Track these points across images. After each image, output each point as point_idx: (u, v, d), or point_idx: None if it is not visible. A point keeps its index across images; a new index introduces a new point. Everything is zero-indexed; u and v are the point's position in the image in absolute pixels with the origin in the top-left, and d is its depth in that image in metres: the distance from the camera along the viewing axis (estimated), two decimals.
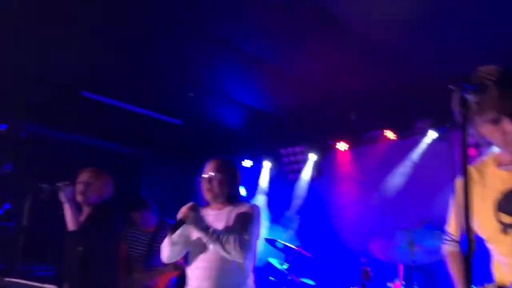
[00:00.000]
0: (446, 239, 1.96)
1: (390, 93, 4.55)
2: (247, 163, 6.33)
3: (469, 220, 1.29)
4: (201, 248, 2.53)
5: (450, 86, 1.39)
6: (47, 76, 4.16)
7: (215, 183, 2.61)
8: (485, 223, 1.72)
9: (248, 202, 2.73)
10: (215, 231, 2.45)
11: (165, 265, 4.16)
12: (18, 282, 2.00)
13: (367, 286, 3.82)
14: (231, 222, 2.55)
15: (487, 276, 1.82)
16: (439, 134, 4.79)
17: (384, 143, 5.27)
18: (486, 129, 1.65)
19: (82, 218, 3.24)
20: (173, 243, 2.55)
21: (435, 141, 4.86)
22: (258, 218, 2.60)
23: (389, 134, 5.17)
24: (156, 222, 4.40)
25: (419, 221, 4.26)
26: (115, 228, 3.29)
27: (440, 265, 4.02)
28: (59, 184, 3.13)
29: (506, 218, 1.65)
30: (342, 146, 5.54)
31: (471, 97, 1.42)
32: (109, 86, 4.67)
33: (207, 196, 2.63)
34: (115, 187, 3.46)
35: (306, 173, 5.81)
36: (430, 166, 4.84)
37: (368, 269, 3.78)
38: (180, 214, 2.47)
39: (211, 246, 2.48)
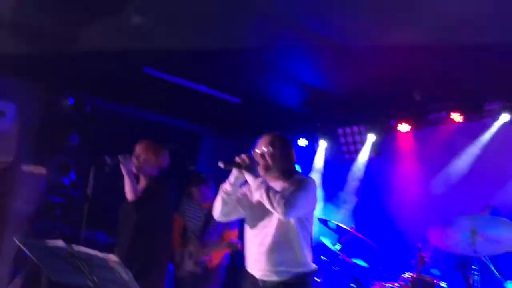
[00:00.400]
0: None
1: (459, 73, 4.29)
2: (303, 142, 6.26)
3: None
4: (259, 224, 2.54)
5: None
6: (112, 52, 4.30)
7: (267, 158, 2.60)
8: None
9: (303, 175, 2.70)
10: (264, 181, 2.45)
11: (219, 241, 4.27)
12: (83, 251, 2.10)
13: (422, 273, 3.71)
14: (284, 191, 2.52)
15: None
16: (511, 117, 4.47)
17: (450, 125, 5.00)
18: None
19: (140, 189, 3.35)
20: (225, 194, 2.59)
21: (506, 125, 4.54)
22: (311, 188, 2.57)
23: (456, 116, 4.88)
24: (213, 198, 4.49)
25: (483, 208, 4.05)
26: (168, 200, 3.38)
27: (504, 258, 3.84)
28: (121, 157, 3.24)
29: None
30: (404, 127, 5.32)
31: None
32: (172, 63, 4.75)
33: (260, 170, 2.62)
34: (173, 161, 3.54)
35: (364, 154, 5.66)
36: (499, 151, 4.55)
37: (424, 255, 3.65)
38: (238, 158, 2.49)
39: (268, 223, 2.47)
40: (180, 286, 4.53)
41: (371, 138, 5.60)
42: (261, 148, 2.65)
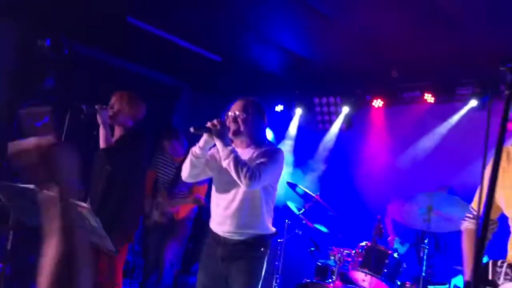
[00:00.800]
0: (467, 216, 1.99)
1: (436, 56, 4.40)
2: (279, 107, 6.34)
3: (491, 200, 1.29)
4: (225, 186, 2.63)
5: (501, 68, 1.33)
6: None
7: (239, 122, 2.64)
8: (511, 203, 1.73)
9: (272, 144, 2.76)
10: (234, 150, 2.48)
11: (187, 195, 4.39)
12: (7, 185, 2.10)
13: (378, 243, 3.92)
14: (253, 159, 2.59)
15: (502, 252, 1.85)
16: (479, 103, 4.64)
17: (422, 105, 5.15)
18: None
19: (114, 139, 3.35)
20: (193, 165, 2.62)
21: (473, 110, 4.72)
22: (278, 159, 2.62)
23: (428, 97, 5.03)
24: (184, 153, 4.57)
25: (441, 187, 4.27)
26: (141, 152, 3.35)
27: (455, 235, 4.09)
28: (97, 107, 3.23)
29: None
30: (378, 103, 5.45)
31: None
32: (155, 15, 4.67)
33: (231, 133, 2.67)
34: (150, 113, 3.53)
35: (337, 125, 5.80)
36: (464, 134, 4.75)
37: (382, 226, 3.85)
38: (209, 123, 2.52)
39: (234, 186, 2.56)
40: (147, 235, 4.67)
41: (345, 110, 5.72)
42: (235, 111, 2.67)
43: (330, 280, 3.92)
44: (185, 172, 2.71)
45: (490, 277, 1.75)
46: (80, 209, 2.08)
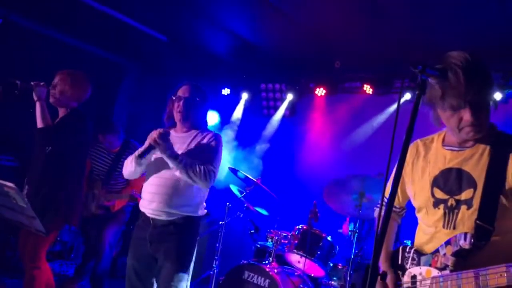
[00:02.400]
0: (380, 203, 2.09)
1: (376, 49, 4.59)
2: (226, 91, 6.36)
3: (395, 192, 1.40)
4: (159, 167, 2.65)
5: (412, 69, 1.41)
6: None
7: (183, 106, 2.68)
8: (420, 195, 1.86)
9: (211, 131, 2.81)
10: (183, 159, 2.54)
11: (124, 187, 4.34)
12: None
13: (313, 226, 4.07)
14: (193, 146, 2.66)
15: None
16: (412, 96, 4.90)
17: (361, 95, 5.37)
18: (444, 114, 1.72)
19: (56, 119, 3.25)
20: (138, 164, 2.65)
21: (408, 102, 4.98)
22: (221, 148, 2.73)
23: (367, 88, 5.25)
24: (120, 145, 4.49)
25: (376, 175, 4.50)
26: (86, 133, 3.29)
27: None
28: (33, 83, 3.12)
29: (439, 194, 1.78)
30: (320, 91, 5.61)
31: (433, 81, 1.48)
32: None
33: (175, 117, 2.73)
34: (94, 92, 3.42)
35: (281, 111, 5.92)
36: (399, 125, 4.99)
37: (317, 210, 4.00)
38: (150, 140, 2.54)
39: (167, 166, 2.59)
40: (84, 225, 4.55)
41: (289, 97, 5.85)
42: (179, 95, 2.71)
43: (266, 262, 4.05)
44: (129, 172, 2.73)
45: (399, 262, 1.89)
46: (7, 189, 2.04)
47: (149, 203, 2.62)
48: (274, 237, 4.17)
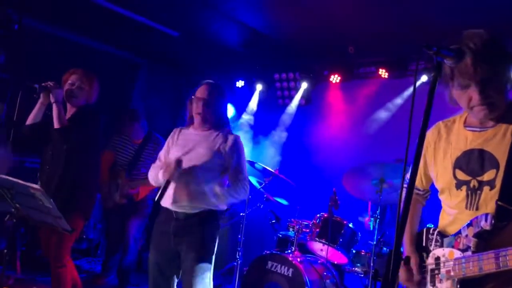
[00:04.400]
0: (405, 186, 2.10)
1: (389, 32, 4.52)
2: (240, 83, 6.36)
3: (415, 177, 1.40)
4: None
5: (427, 51, 1.40)
6: None
7: (202, 108, 2.70)
8: (442, 177, 1.85)
9: (231, 131, 2.82)
10: (223, 189, 2.63)
11: (146, 177, 4.40)
12: (4, 178, 2.12)
13: (334, 214, 4.07)
14: (216, 147, 2.67)
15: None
16: (429, 78, 4.81)
17: (377, 80, 5.30)
18: (455, 93, 1.73)
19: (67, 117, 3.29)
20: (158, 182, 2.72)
21: (425, 85, 4.90)
22: (242, 147, 2.78)
23: (383, 72, 5.18)
24: (144, 135, 4.56)
25: (394, 160, 4.46)
26: (98, 129, 3.34)
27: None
28: (50, 85, 3.17)
29: (461, 175, 1.77)
30: (335, 78, 5.56)
31: (448, 62, 1.46)
32: None
33: (195, 117, 2.74)
34: (109, 91, 3.49)
35: (296, 100, 5.90)
36: (416, 107, 4.91)
37: (337, 198, 4.00)
38: (166, 175, 2.58)
39: (189, 163, 2.62)
40: (107, 217, 4.68)
41: (304, 85, 5.81)
42: (198, 95, 2.73)
43: (289, 251, 4.07)
44: (152, 178, 2.84)
45: (423, 243, 1.89)
46: (33, 191, 2.09)
47: (172, 198, 2.65)
48: (295, 226, 4.19)
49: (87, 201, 3.27)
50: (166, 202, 2.69)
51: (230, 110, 6.61)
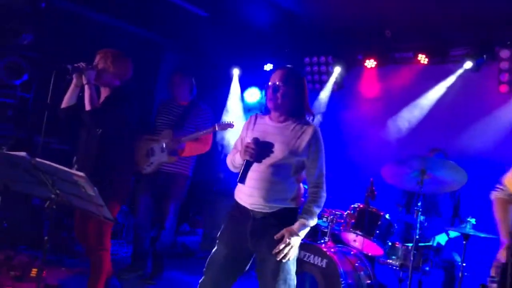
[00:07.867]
0: (498, 187, 2.23)
1: (430, 17, 4.31)
2: (268, 66, 6.18)
3: None
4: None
5: None
6: None
7: (279, 94, 2.49)
8: None
9: (310, 122, 2.60)
10: (306, 211, 2.48)
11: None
12: (48, 164, 2.03)
13: (370, 204, 3.94)
14: (293, 141, 2.48)
15: None
16: (473, 65, 4.59)
17: (415, 66, 5.08)
18: None
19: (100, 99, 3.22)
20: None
21: (467, 72, 4.68)
22: (322, 142, 2.57)
23: (422, 58, 4.95)
24: (190, 100, 4.44)
25: (431, 149, 4.29)
26: (131, 110, 3.23)
27: (444, 196, 4.16)
28: (83, 66, 3.07)
29: None
30: (370, 63, 5.35)
31: None
32: None
33: (269, 105, 2.53)
34: (135, 71, 3.36)
35: (329, 85, 5.70)
36: (457, 97, 4.72)
37: (374, 188, 3.87)
38: (246, 155, 2.43)
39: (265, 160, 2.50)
40: (137, 194, 4.44)
41: (337, 70, 5.61)
42: (274, 82, 2.51)
43: (322, 241, 3.97)
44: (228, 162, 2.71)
45: None
46: (76, 178, 1.99)
47: (248, 197, 2.51)
48: (328, 216, 4.07)
49: (123, 185, 3.20)
50: (242, 199, 2.56)
51: (257, 94, 6.47)
